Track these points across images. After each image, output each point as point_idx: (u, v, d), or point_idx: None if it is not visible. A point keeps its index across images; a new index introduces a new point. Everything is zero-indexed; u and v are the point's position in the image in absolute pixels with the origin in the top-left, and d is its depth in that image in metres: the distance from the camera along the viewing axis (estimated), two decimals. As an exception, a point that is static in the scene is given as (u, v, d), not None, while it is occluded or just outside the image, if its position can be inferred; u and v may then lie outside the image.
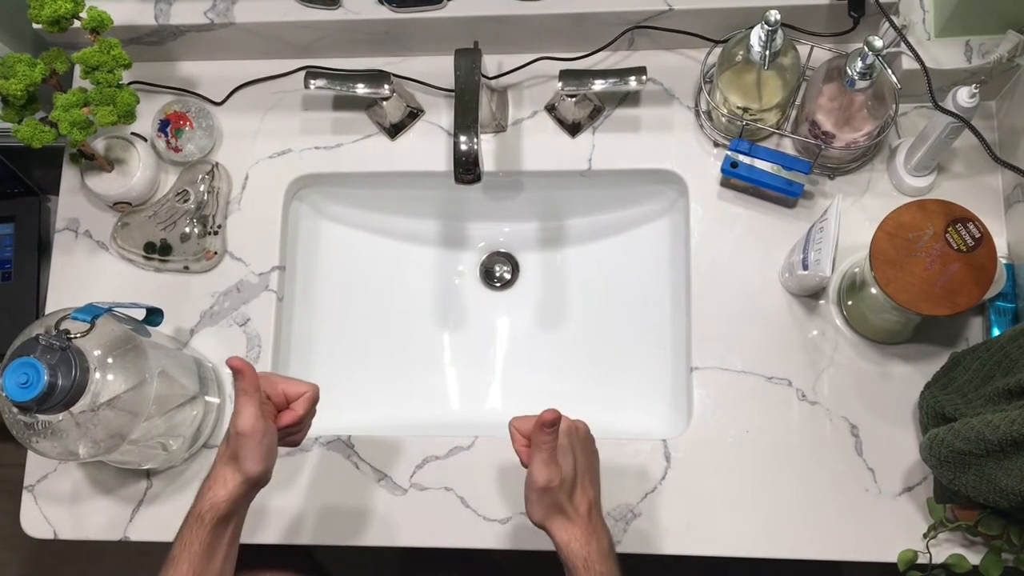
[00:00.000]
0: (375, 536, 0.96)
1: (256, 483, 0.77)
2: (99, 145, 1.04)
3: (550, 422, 0.73)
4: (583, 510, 0.76)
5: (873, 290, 0.87)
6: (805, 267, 0.88)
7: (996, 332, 0.93)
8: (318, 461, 0.99)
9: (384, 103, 1.04)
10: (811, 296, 0.99)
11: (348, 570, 1.28)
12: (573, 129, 1.05)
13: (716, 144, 1.03)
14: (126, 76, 0.99)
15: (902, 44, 0.94)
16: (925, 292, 0.83)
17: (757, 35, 0.90)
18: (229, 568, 0.79)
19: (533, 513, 0.76)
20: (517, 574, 1.26)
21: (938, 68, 0.94)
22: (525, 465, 0.78)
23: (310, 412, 0.83)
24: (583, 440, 0.79)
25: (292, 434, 0.83)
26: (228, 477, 0.76)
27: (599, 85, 0.99)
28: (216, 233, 1.04)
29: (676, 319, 1.05)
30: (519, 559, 0.97)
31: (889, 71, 0.91)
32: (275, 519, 0.97)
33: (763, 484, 0.94)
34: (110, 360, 0.84)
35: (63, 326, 0.83)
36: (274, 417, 0.80)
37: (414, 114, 1.07)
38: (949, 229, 0.84)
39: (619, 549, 0.93)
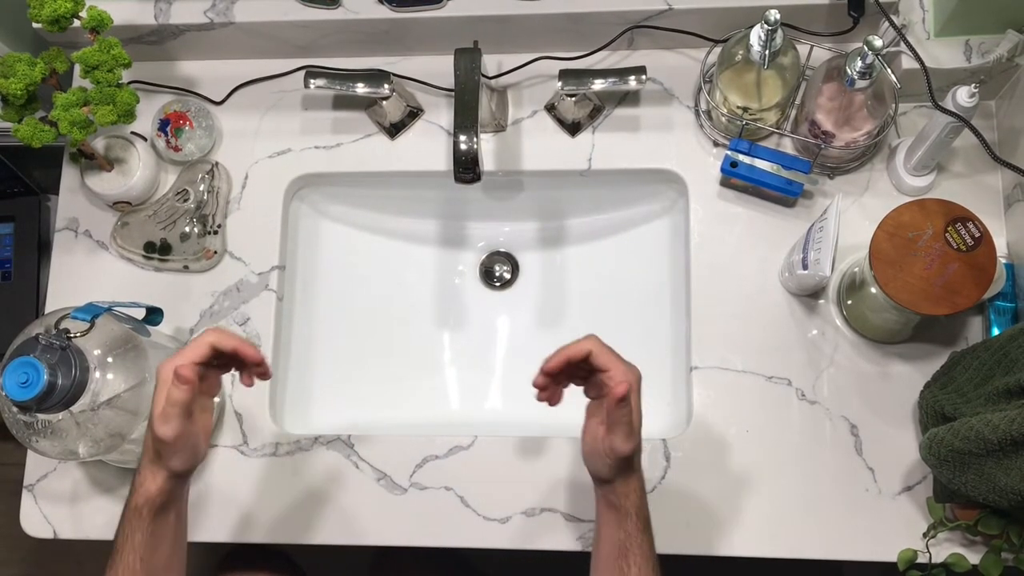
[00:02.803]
0: (374, 536, 0.96)
1: (184, 475, 0.76)
2: (99, 144, 1.04)
3: (623, 397, 0.70)
4: (638, 461, 0.76)
5: (873, 290, 0.87)
6: (805, 267, 0.88)
7: (996, 331, 0.93)
8: (318, 461, 0.99)
9: (384, 103, 1.05)
10: (811, 296, 0.99)
11: (323, 571, 1.28)
12: (573, 129, 1.05)
13: (716, 144, 1.03)
14: (126, 75, 0.99)
15: (902, 44, 0.94)
16: (925, 292, 0.83)
17: (757, 34, 0.90)
18: (180, 552, 0.78)
19: (601, 472, 0.75)
20: (492, 572, 1.27)
21: (938, 68, 0.94)
22: (541, 393, 0.75)
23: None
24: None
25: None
26: (155, 472, 0.74)
27: (599, 85, 0.99)
28: (216, 233, 1.04)
29: (676, 319, 1.05)
30: (494, 558, 0.97)
31: (889, 71, 0.91)
32: (274, 519, 0.97)
33: (763, 484, 0.94)
34: (110, 359, 0.85)
35: (63, 325, 0.83)
36: (216, 379, 0.76)
37: (414, 114, 1.07)
38: (949, 229, 0.84)
39: (619, 549, 0.93)
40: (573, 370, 0.75)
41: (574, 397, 1.08)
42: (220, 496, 0.98)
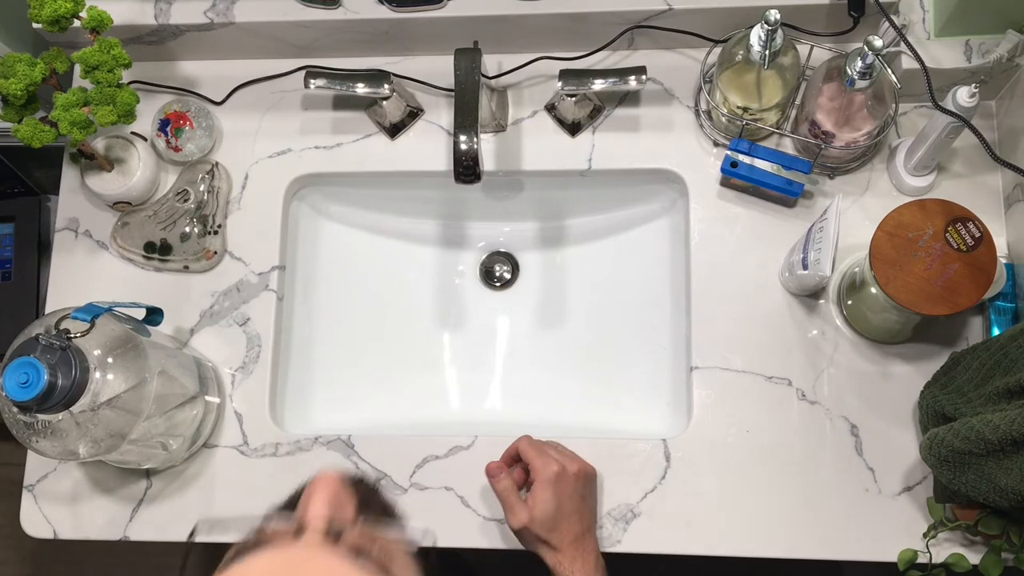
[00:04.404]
0: (375, 536, 0.96)
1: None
2: (99, 145, 1.04)
3: (490, 473, 0.89)
4: (569, 539, 0.86)
5: (873, 290, 0.87)
6: (805, 267, 0.88)
7: (996, 332, 0.93)
8: (318, 461, 0.98)
9: (384, 103, 1.04)
10: (811, 296, 0.99)
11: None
12: (573, 129, 1.05)
13: (716, 144, 1.03)
14: (126, 76, 0.99)
15: (902, 44, 0.94)
16: (925, 292, 0.83)
17: (757, 35, 0.90)
18: None
19: (522, 543, 0.90)
20: (491, 573, 1.27)
21: (938, 68, 0.94)
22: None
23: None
24: (574, 482, 0.88)
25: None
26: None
27: (599, 85, 0.99)
28: (216, 233, 1.04)
29: (676, 319, 1.05)
30: (494, 559, 0.97)
31: (889, 71, 0.91)
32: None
33: (763, 484, 0.94)
34: (110, 360, 0.84)
35: (63, 326, 0.83)
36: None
37: (414, 114, 1.07)
38: (949, 229, 0.84)
39: (619, 549, 0.93)
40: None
41: (573, 398, 1.09)
42: (220, 496, 0.98)
